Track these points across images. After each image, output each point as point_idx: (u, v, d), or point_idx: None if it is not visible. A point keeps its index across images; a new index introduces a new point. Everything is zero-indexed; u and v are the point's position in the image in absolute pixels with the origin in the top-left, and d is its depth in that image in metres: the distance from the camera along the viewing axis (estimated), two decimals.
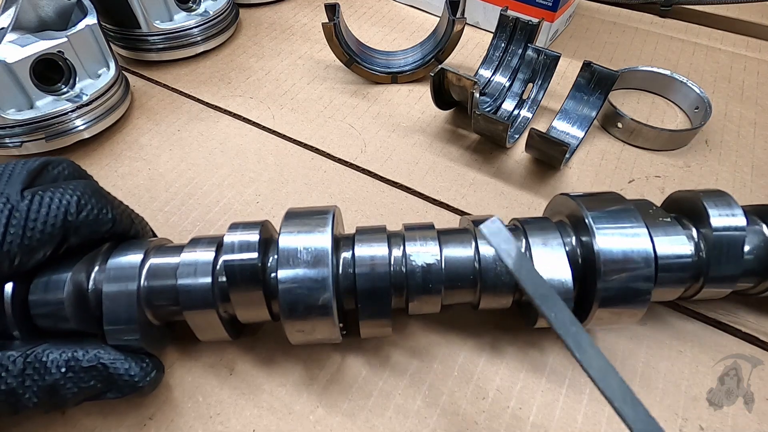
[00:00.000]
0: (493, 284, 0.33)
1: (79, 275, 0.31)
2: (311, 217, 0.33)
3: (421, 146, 0.53)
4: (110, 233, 0.33)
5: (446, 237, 0.34)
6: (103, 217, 0.32)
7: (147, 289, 0.32)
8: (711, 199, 0.35)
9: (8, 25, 0.49)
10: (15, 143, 0.47)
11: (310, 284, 0.30)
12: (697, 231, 0.34)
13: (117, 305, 0.31)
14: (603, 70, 0.51)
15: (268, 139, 0.54)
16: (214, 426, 0.34)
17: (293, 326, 0.32)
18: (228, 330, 0.33)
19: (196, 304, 0.32)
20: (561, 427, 0.33)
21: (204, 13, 0.61)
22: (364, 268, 0.32)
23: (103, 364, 0.29)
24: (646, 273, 0.31)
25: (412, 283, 0.33)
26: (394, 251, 0.33)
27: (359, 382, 0.36)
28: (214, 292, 0.32)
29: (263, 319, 0.34)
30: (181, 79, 0.61)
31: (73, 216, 0.30)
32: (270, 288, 0.32)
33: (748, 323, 0.38)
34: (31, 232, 0.28)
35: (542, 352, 0.37)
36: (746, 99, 0.58)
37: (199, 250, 0.33)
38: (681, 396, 0.35)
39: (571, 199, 0.35)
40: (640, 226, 0.32)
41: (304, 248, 0.31)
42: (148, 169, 0.51)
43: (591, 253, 0.32)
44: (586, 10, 0.73)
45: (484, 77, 0.58)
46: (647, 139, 0.52)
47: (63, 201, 0.30)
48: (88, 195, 0.31)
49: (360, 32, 0.66)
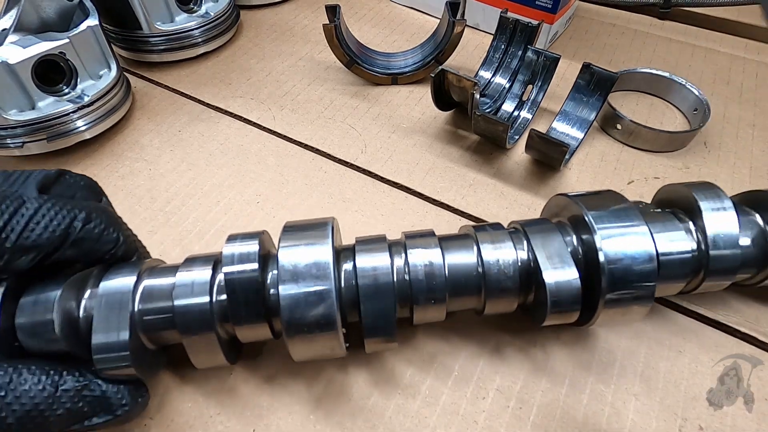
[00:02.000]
0: (498, 289, 0.32)
1: (69, 301, 0.30)
2: (310, 229, 0.33)
3: (422, 147, 0.53)
4: (112, 254, 0.32)
5: (447, 243, 0.34)
6: (108, 236, 0.31)
7: (141, 312, 0.30)
8: (701, 192, 0.35)
9: (10, 27, 0.49)
10: (17, 144, 0.47)
11: (313, 299, 0.29)
12: (695, 225, 0.34)
13: (108, 332, 0.29)
14: (602, 72, 0.51)
15: (269, 140, 0.54)
16: (214, 426, 0.34)
17: (296, 343, 0.31)
18: (226, 353, 0.32)
19: (194, 325, 0.30)
20: (561, 427, 0.33)
21: (205, 15, 0.62)
22: (366, 280, 0.31)
23: (96, 383, 0.28)
24: (649, 269, 0.31)
25: (416, 292, 0.32)
26: (396, 260, 0.33)
27: (359, 382, 0.36)
28: (212, 311, 0.30)
29: (264, 338, 0.33)
30: (182, 80, 0.62)
31: (78, 226, 0.29)
32: (270, 305, 0.31)
33: (748, 323, 0.38)
34: (30, 233, 0.28)
35: (543, 352, 0.37)
36: (745, 101, 0.58)
37: (195, 269, 0.32)
38: (681, 396, 0.35)
39: (569, 198, 0.35)
40: (640, 223, 0.32)
41: (305, 262, 0.30)
42: (148, 169, 0.51)
43: (593, 252, 0.32)
44: (586, 12, 0.73)
45: (484, 78, 0.58)
46: (646, 141, 0.52)
47: (73, 211, 0.30)
48: (98, 212, 0.31)
49: (360, 34, 0.66)
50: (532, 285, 0.33)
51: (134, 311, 0.30)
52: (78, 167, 0.51)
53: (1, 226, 0.27)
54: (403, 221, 0.46)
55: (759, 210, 0.36)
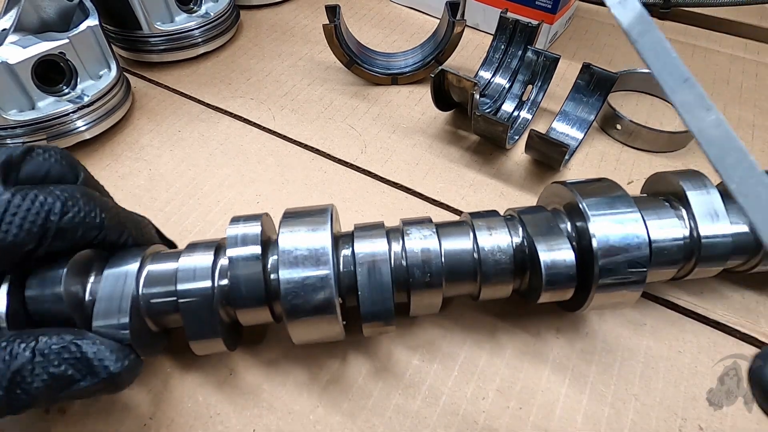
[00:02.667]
0: (494, 273, 0.33)
1: (74, 284, 0.30)
2: (309, 215, 0.33)
3: (421, 147, 0.53)
4: (100, 239, 0.31)
5: (444, 230, 0.35)
6: (91, 222, 0.30)
7: (145, 296, 0.31)
8: (688, 180, 0.36)
9: (10, 27, 0.49)
10: (16, 144, 0.48)
11: (312, 283, 0.30)
12: (686, 211, 0.35)
13: (111, 304, 0.30)
14: (602, 72, 0.51)
15: (269, 140, 0.54)
16: (214, 426, 0.34)
17: (297, 326, 0.32)
18: (225, 338, 0.32)
19: (196, 307, 0.31)
20: (561, 427, 0.33)
21: (205, 15, 0.62)
22: (365, 265, 0.32)
23: (75, 343, 0.27)
24: (641, 255, 0.32)
25: (413, 276, 0.33)
26: (393, 246, 0.34)
27: (359, 382, 0.36)
28: (214, 294, 0.31)
29: (265, 321, 0.34)
30: (182, 80, 0.61)
31: (55, 219, 0.28)
32: (271, 289, 0.32)
33: (748, 323, 0.38)
34: (4, 234, 0.26)
35: (543, 352, 0.37)
36: (744, 101, 0.58)
37: (197, 254, 0.33)
38: (680, 396, 0.35)
39: (564, 186, 0.36)
40: (633, 209, 0.33)
41: (305, 247, 0.31)
42: (148, 169, 0.51)
43: (587, 238, 0.32)
44: (586, 12, 0.73)
45: (484, 79, 0.58)
46: (646, 141, 0.52)
47: (48, 201, 0.28)
48: (75, 198, 0.29)
49: (360, 34, 0.66)
50: (527, 269, 0.34)
51: (137, 295, 0.31)
52: None
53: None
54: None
55: None
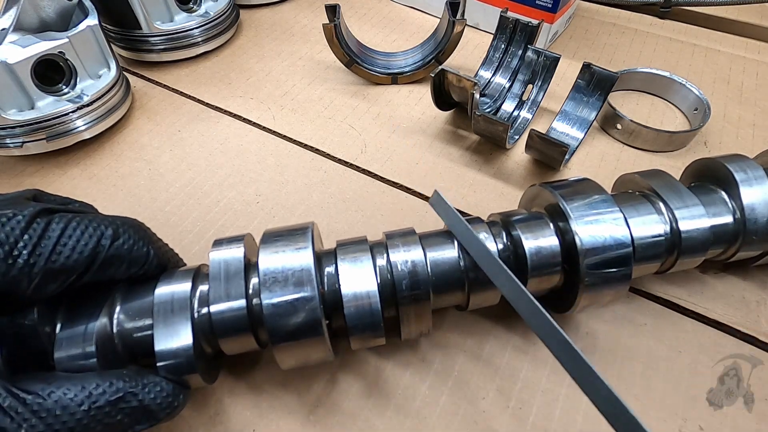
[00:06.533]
0: (481, 281, 0.33)
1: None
2: (289, 235, 0.32)
3: (422, 147, 0.53)
4: (144, 271, 0.31)
5: (428, 241, 0.34)
6: (138, 251, 0.30)
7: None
8: (654, 178, 0.37)
9: (9, 26, 0.49)
10: (16, 144, 0.47)
11: (297, 306, 0.29)
12: (665, 206, 0.36)
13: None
14: (602, 72, 0.51)
15: (269, 140, 0.54)
16: (214, 426, 0.34)
17: (283, 351, 0.30)
18: (203, 372, 0.30)
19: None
20: (561, 427, 0.33)
21: (205, 14, 0.62)
22: (349, 283, 0.31)
23: (131, 392, 0.26)
24: (624, 253, 0.32)
25: (400, 289, 0.32)
26: (378, 261, 0.33)
27: (359, 383, 0.36)
28: (194, 327, 0.30)
29: (251, 348, 0.32)
30: (181, 79, 0.61)
31: (106, 244, 0.28)
32: (254, 314, 0.30)
33: (747, 323, 0.38)
34: (58, 255, 0.26)
35: (542, 352, 0.37)
36: (745, 100, 0.58)
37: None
38: (681, 396, 0.35)
39: (545, 188, 0.36)
40: (614, 208, 0.33)
41: (286, 268, 0.30)
42: (148, 169, 0.51)
43: (570, 237, 0.33)
44: (586, 11, 0.73)
45: (484, 78, 0.58)
46: (646, 141, 0.52)
47: (99, 227, 0.28)
48: (125, 226, 0.30)
49: (360, 33, 0.66)
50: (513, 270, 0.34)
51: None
52: (77, 167, 0.51)
53: (30, 249, 0.25)
54: (403, 221, 0.46)
55: (720, 185, 0.38)
